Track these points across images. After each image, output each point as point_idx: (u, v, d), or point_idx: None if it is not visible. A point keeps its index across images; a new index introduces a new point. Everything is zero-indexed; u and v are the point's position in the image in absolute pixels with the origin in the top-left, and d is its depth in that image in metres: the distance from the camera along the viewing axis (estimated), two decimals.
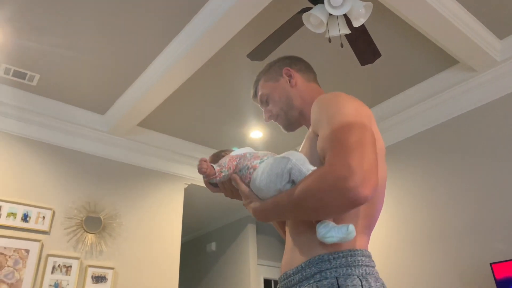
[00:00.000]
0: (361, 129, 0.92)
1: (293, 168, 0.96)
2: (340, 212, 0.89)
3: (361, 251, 0.95)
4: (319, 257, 0.94)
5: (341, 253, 0.93)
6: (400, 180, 3.47)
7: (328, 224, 0.92)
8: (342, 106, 0.99)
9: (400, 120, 3.57)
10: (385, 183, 1.07)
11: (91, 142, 3.67)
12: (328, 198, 0.86)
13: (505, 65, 2.93)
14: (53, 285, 3.04)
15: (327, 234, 0.91)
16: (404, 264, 3.22)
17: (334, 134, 0.92)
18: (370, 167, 0.86)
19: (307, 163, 0.97)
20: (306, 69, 1.29)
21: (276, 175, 0.99)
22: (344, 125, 0.93)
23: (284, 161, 0.99)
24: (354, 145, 0.88)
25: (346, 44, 2.79)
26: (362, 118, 0.95)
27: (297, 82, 1.25)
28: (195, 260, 5.91)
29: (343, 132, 0.91)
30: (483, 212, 2.86)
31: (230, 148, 1.26)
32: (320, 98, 1.06)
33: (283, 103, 1.25)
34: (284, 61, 1.30)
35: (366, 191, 0.83)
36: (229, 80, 3.26)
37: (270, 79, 1.29)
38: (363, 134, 0.91)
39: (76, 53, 2.92)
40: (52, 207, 3.26)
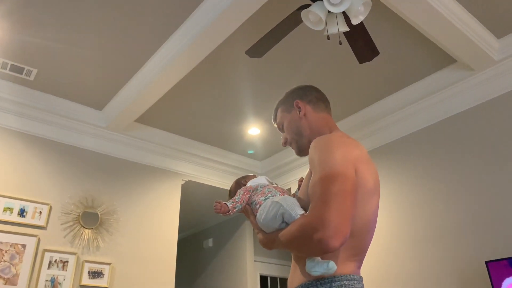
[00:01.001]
0: (343, 181, 1.07)
1: (284, 213, 1.17)
2: (317, 254, 1.09)
3: (345, 276, 1.12)
4: (309, 282, 1.14)
5: (327, 280, 1.11)
6: (396, 178, 3.48)
7: (314, 259, 1.11)
8: (331, 154, 1.14)
9: (397, 119, 3.57)
10: (375, 219, 1.22)
11: (88, 138, 3.67)
12: (304, 245, 1.08)
13: (503, 64, 2.93)
14: (50, 280, 3.05)
15: (312, 269, 1.10)
16: (400, 263, 3.23)
17: (318, 183, 1.09)
18: (342, 220, 1.02)
19: (297, 207, 1.17)
20: (317, 100, 1.43)
21: (272, 217, 1.20)
22: (327, 176, 1.09)
23: (277, 206, 1.20)
24: (332, 197, 1.04)
25: (344, 42, 2.79)
26: (347, 168, 1.11)
27: (307, 113, 1.39)
28: (192, 256, 5.92)
29: (325, 182, 1.08)
30: (479, 211, 2.88)
31: (251, 174, 1.47)
32: (316, 141, 1.22)
33: (294, 132, 1.41)
34: (297, 92, 1.45)
35: (335, 243, 1.00)
36: (227, 76, 3.26)
37: (284, 109, 1.45)
38: (344, 185, 1.06)
39: (74, 48, 2.91)
40: (49, 202, 3.25)
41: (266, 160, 4.73)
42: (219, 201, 1.31)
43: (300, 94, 1.43)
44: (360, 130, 3.84)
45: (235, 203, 1.31)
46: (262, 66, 3.15)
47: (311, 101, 1.41)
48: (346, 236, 1.01)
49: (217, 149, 4.40)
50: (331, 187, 1.06)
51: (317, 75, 3.26)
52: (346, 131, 3.91)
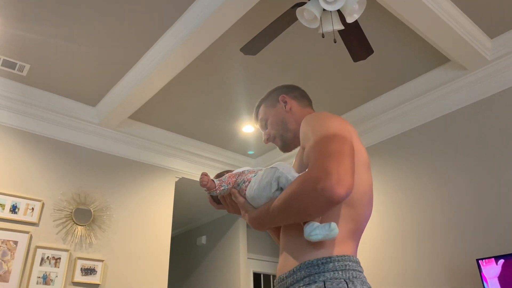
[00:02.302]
0: (341, 140, 1.03)
1: (280, 176, 1.08)
2: (320, 211, 0.99)
3: (349, 257, 1.03)
4: (309, 262, 1.02)
5: (329, 259, 1.01)
6: (388, 177, 3.50)
7: (313, 223, 1.00)
8: (326, 121, 1.11)
9: (390, 118, 3.59)
10: (371, 193, 1.16)
11: (81, 134, 3.65)
12: (307, 199, 0.97)
13: (495, 64, 2.96)
14: (42, 277, 3.03)
15: (312, 232, 0.99)
16: (392, 261, 3.26)
17: (316, 144, 1.04)
18: (345, 170, 0.95)
19: (293, 171, 1.09)
20: (301, 96, 1.43)
21: (266, 183, 1.11)
22: (326, 136, 1.04)
23: (272, 171, 1.12)
24: (332, 152, 0.99)
25: (339, 40, 2.79)
26: (344, 132, 1.06)
27: (292, 108, 1.39)
28: (185, 253, 5.91)
29: (324, 141, 1.03)
30: (470, 209, 2.90)
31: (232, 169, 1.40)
32: (307, 117, 1.18)
33: (279, 126, 1.39)
34: (281, 89, 1.45)
35: (340, 190, 0.93)
36: (221, 74, 3.26)
37: (268, 105, 1.44)
38: (342, 145, 1.01)
39: (67, 44, 2.89)
40: (42, 199, 3.23)
41: (260, 158, 4.74)
42: (206, 173, 1.23)
43: (286, 90, 1.44)
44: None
45: (222, 183, 1.24)
46: (257, 64, 3.15)
47: (296, 96, 1.42)
48: (350, 186, 0.94)
49: (211, 147, 4.39)
50: (330, 145, 1.01)
51: (311, 73, 3.27)
52: None
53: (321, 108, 3.75)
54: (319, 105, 3.71)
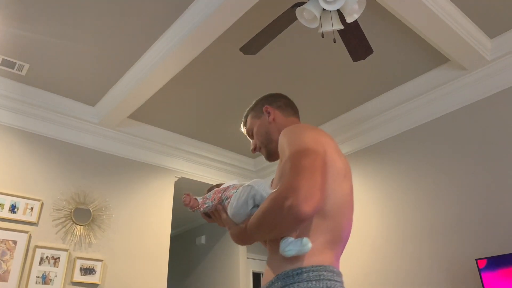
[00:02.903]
0: (313, 155, 1.06)
1: (255, 194, 1.14)
2: (290, 228, 1.03)
3: (324, 267, 1.04)
4: (285, 272, 1.05)
5: (304, 269, 1.03)
6: (388, 177, 3.50)
7: (288, 239, 1.04)
8: (300, 135, 1.14)
9: (389, 118, 3.59)
10: (349, 202, 1.18)
11: (81, 134, 3.64)
12: (277, 217, 1.00)
13: (495, 64, 2.96)
14: (41, 277, 3.03)
15: (286, 248, 1.03)
16: (392, 261, 3.26)
17: (288, 160, 1.07)
18: (313, 187, 0.98)
19: (268, 188, 1.15)
20: (285, 106, 1.46)
21: (243, 201, 1.16)
22: (298, 151, 1.07)
23: (248, 189, 1.17)
24: (302, 169, 1.01)
25: (338, 40, 2.79)
26: (317, 146, 1.09)
27: (275, 118, 1.42)
28: (185, 253, 5.91)
29: (295, 157, 1.06)
30: (469, 209, 2.90)
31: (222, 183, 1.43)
32: (285, 130, 1.21)
33: (263, 137, 1.43)
34: (266, 99, 1.49)
35: (306, 208, 0.95)
36: (221, 73, 3.25)
37: (254, 115, 1.48)
38: (313, 160, 1.04)
39: (66, 44, 2.89)
40: (41, 199, 3.23)
41: (259, 158, 4.73)
42: (188, 193, 1.30)
43: (269, 100, 1.47)
44: (352, 129, 3.85)
45: (206, 200, 1.30)
46: (256, 63, 3.14)
47: (280, 106, 1.45)
48: (317, 202, 0.97)
49: (210, 146, 4.39)
50: (301, 160, 1.04)
51: (310, 72, 3.27)
52: (338, 130, 3.93)
53: (321, 108, 3.75)
54: (319, 105, 3.71)
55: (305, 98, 3.61)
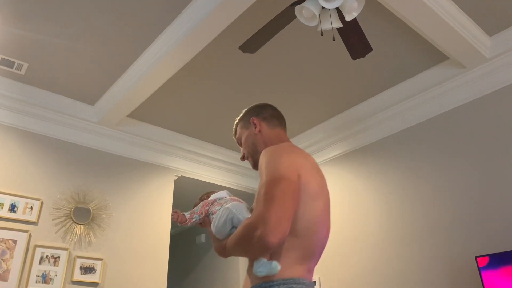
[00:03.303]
0: (285, 183, 1.15)
1: (233, 217, 1.26)
2: (260, 254, 1.14)
3: (294, 280, 1.15)
4: (258, 284, 1.16)
5: (275, 282, 1.14)
6: (387, 176, 3.50)
7: (260, 260, 1.15)
8: (275, 162, 1.22)
9: (388, 116, 3.59)
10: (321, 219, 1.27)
11: (80, 133, 3.64)
12: (248, 244, 1.12)
13: (494, 62, 2.96)
14: (41, 276, 3.03)
15: (257, 269, 1.14)
16: (391, 259, 3.26)
17: (263, 186, 1.16)
18: (281, 218, 1.08)
19: (245, 211, 1.26)
20: (271, 117, 1.52)
21: (223, 222, 1.28)
22: (272, 178, 1.17)
23: (226, 212, 1.29)
24: (274, 197, 1.11)
25: (338, 38, 2.79)
26: (290, 173, 1.18)
27: (261, 130, 1.49)
28: (185, 252, 5.91)
29: (269, 185, 1.15)
30: (468, 207, 2.91)
31: (214, 190, 1.54)
32: (264, 151, 1.30)
33: (250, 147, 1.50)
34: (254, 110, 1.55)
35: (273, 239, 1.06)
36: (220, 72, 3.25)
37: (242, 126, 1.55)
38: (285, 188, 1.14)
39: (65, 43, 2.89)
40: (41, 198, 3.23)
41: None
42: (176, 210, 1.41)
43: (256, 112, 1.54)
44: (351, 128, 3.85)
45: (193, 214, 1.41)
46: (255, 62, 3.14)
47: (265, 118, 1.51)
48: (284, 233, 1.08)
49: (210, 145, 4.39)
50: (274, 188, 1.13)
51: (310, 71, 3.27)
52: (337, 128, 3.93)
53: (321, 107, 3.75)
54: (319, 103, 3.71)
55: (304, 97, 3.61)
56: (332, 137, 4.02)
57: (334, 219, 3.79)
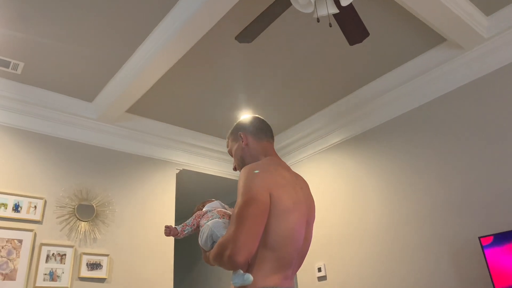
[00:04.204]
0: (254, 204, 1.27)
1: (212, 234, 1.38)
2: (231, 269, 1.27)
3: None
4: None
5: None
6: (389, 160, 3.50)
7: (237, 272, 1.28)
8: (249, 182, 1.33)
9: (387, 100, 3.58)
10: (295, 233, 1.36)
11: (80, 130, 3.64)
12: (221, 261, 1.27)
13: (492, 42, 2.94)
14: (48, 274, 3.05)
15: (233, 281, 1.29)
16: (396, 243, 3.28)
17: (236, 208, 1.30)
18: (248, 238, 1.23)
19: (222, 229, 1.37)
20: (258, 131, 1.61)
21: (205, 238, 1.41)
22: (243, 201, 1.29)
23: (208, 229, 1.41)
24: (243, 220, 1.25)
25: (334, 24, 2.77)
26: (260, 194, 1.30)
27: (248, 143, 1.58)
28: (190, 243, 5.94)
29: (240, 207, 1.29)
30: (470, 188, 2.91)
31: (210, 199, 1.65)
32: (242, 171, 1.41)
33: (239, 160, 1.60)
34: (241, 125, 1.65)
35: (239, 258, 1.21)
36: (218, 63, 3.23)
37: (232, 139, 1.65)
38: (254, 209, 1.27)
39: (61, 40, 2.87)
40: (44, 197, 3.24)
41: None
42: (168, 226, 1.53)
43: (243, 127, 1.63)
44: (350, 114, 3.84)
45: (185, 227, 1.53)
46: (253, 51, 3.13)
47: (252, 132, 1.60)
48: (250, 252, 1.23)
49: (210, 137, 4.39)
50: (244, 211, 1.26)
51: (307, 58, 3.25)
52: (336, 116, 3.92)
53: (319, 94, 3.74)
54: (317, 91, 3.69)
55: (303, 85, 3.59)
56: (332, 124, 4.02)
57: (336, 205, 3.80)
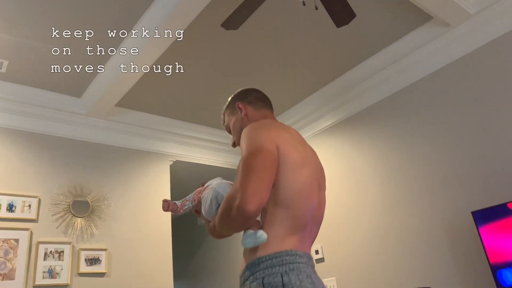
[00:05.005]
0: (262, 154, 1.17)
1: (217, 195, 1.28)
2: (242, 224, 1.15)
3: (286, 252, 1.15)
4: (252, 262, 1.17)
5: (268, 256, 1.15)
6: (381, 140, 3.52)
7: (247, 232, 1.16)
8: (251, 136, 1.24)
9: (377, 82, 3.59)
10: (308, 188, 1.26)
11: (70, 126, 3.61)
12: (229, 215, 1.14)
13: (478, 17, 2.94)
14: (47, 271, 3.06)
15: (244, 241, 1.16)
16: (390, 221, 3.32)
17: (242, 160, 1.20)
18: (258, 186, 1.11)
19: (228, 188, 1.27)
20: (256, 100, 1.53)
21: (210, 202, 1.30)
22: (249, 152, 1.19)
23: (211, 191, 1.31)
24: (251, 169, 1.14)
25: (320, 7, 2.75)
26: (267, 144, 1.20)
27: (248, 113, 1.50)
28: (188, 233, 5.98)
29: (244, 159, 1.18)
30: (463, 163, 2.95)
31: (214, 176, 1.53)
32: (244, 129, 1.32)
33: (238, 133, 1.48)
34: (238, 96, 1.56)
35: (250, 207, 1.08)
36: (206, 51, 3.21)
37: (229, 113, 1.56)
38: (262, 159, 1.16)
39: (45, 37, 2.82)
40: (37, 195, 3.22)
41: None
42: (166, 200, 1.43)
43: (241, 97, 1.55)
44: (341, 97, 3.85)
45: (185, 202, 1.43)
46: (240, 38, 3.10)
47: (250, 101, 1.53)
48: (261, 200, 1.10)
49: (201, 127, 4.37)
50: (251, 160, 1.16)
51: (295, 43, 3.23)
52: (327, 99, 3.93)
53: (308, 79, 3.73)
54: (306, 76, 3.68)
55: (290, 70, 3.58)
56: (323, 108, 4.02)
57: (331, 188, 3.83)
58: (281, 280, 1.09)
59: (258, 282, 1.11)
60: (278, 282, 1.09)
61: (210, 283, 5.38)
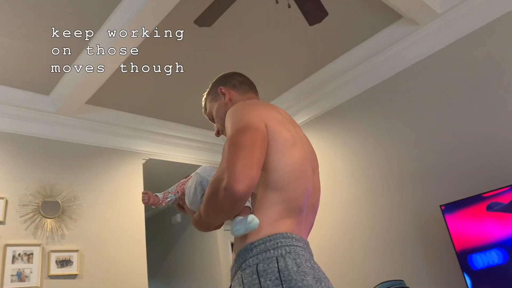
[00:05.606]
0: (251, 131, 1.06)
1: (202, 180, 1.16)
2: (231, 209, 1.02)
3: (281, 234, 1.05)
4: (244, 248, 1.05)
5: (261, 240, 1.03)
6: (353, 136, 3.59)
7: (236, 219, 1.05)
8: (241, 112, 1.14)
9: (349, 79, 3.65)
10: (301, 169, 1.15)
11: (39, 125, 3.50)
12: (217, 198, 1.01)
13: (445, 16, 3.03)
14: (16, 275, 2.96)
15: (234, 228, 1.04)
16: (362, 216, 3.39)
17: (228, 139, 1.08)
18: (247, 164, 0.98)
19: (214, 171, 1.14)
20: (240, 84, 1.44)
21: (194, 189, 1.18)
22: (237, 129, 1.08)
23: (195, 177, 1.19)
24: (239, 146, 1.02)
25: (293, 5, 2.77)
26: (256, 121, 1.09)
27: (232, 98, 1.39)
28: (162, 233, 5.92)
29: (234, 136, 1.06)
30: (431, 157, 3.04)
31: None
32: (229, 110, 1.20)
33: (222, 119, 1.38)
34: (220, 80, 1.45)
35: (240, 187, 0.96)
36: (178, 48, 3.17)
37: (211, 99, 1.45)
38: (251, 136, 1.05)
39: (11, 33, 2.72)
40: (4, 196, 3.11)
41: None
42: (146, 192, 1.32)
43: (223, 81, 1.45)
44: (314, 94, 3.89)
45: (168, 194, 1.32)
46: (213, 35, 3.08)
47: (234, 85, 1.43)
48: (252, 179, 0.98)
49: (174, 124, 4.33)
50: (239, 138, 1.05)
51: (268, 41, 3.24)
52: (300, 96, 3.96)
53: (282, 77, 3.76)
54: (279, 73, 3.71)
55: (264, 68, 3.59)
56: (297, 104, 4.06)
57: None
58: (277, 266, 0.97)
59: (252, 270, 0.99)
60: (274, 268, 0.97)
61: (185, 283, 5.35)
